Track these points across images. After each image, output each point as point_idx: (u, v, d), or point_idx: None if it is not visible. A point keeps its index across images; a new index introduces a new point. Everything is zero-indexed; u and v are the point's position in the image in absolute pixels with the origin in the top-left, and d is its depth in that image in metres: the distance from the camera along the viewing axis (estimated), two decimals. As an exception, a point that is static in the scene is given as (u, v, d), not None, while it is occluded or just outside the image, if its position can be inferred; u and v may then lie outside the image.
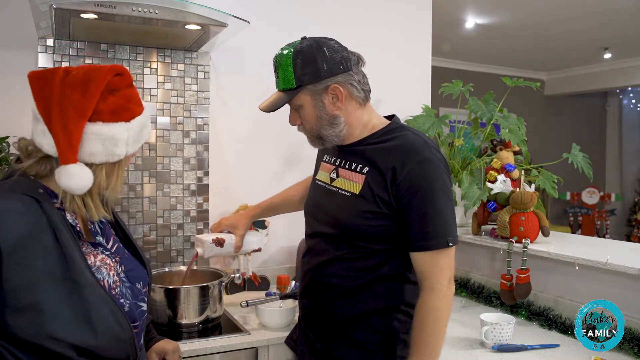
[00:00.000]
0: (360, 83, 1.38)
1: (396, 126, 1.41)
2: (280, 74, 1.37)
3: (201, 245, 1.66)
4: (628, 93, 7.83)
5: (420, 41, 2.79)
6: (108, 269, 1.11)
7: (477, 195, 2.16)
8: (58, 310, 0.97)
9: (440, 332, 1.30)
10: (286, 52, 1.34)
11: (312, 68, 1.32)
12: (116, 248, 1.19)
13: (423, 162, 1.30)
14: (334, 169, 1.45)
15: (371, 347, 1.36)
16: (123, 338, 1.05)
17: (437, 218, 1.29)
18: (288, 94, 1.36)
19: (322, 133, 1.39)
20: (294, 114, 1.42)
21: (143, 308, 1.18)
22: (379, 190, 1.32)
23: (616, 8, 4.49)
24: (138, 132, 1.09)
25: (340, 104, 1.36)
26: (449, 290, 1.32)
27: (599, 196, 7.21)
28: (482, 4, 4.49)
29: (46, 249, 0.98)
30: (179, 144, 2.22)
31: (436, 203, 1.29)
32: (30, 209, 0.99)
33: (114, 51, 2.10)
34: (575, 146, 2.34)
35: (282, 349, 1.75)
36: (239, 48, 2.33)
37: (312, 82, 1.33)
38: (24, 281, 0.95)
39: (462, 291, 2.30)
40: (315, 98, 1.35)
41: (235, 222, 1.73)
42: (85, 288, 1.01)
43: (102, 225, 1.19)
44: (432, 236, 1.29)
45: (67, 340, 0.97)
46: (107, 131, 1.03)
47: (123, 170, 1.11)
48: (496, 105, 2.43)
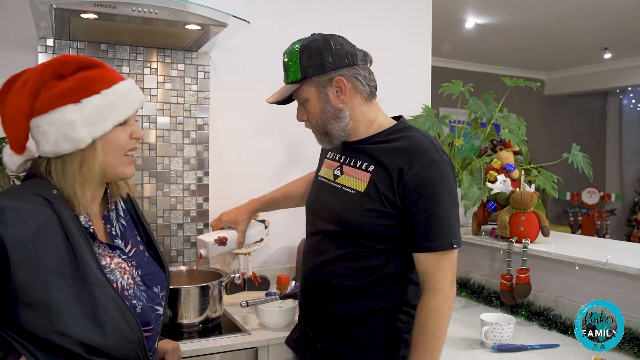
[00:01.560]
0: (366, 78, 1.40)
1: (403, 126, 1.41)
2: (288, 68, 1.40)
3: (204, 246, 1.65)
4: (628, 93, 7.83)
5: (420, 41, 2.79)
6: (122, 272, 1.12)
7: (477, 195, 2.16)
8: (67, 308, 0.98)
9: (442, 333, 1.31)
10: (296, 46, 1.38)
11: (317, 61, 1.35)
12: (134, 252, 1.19)
13: (430, 164, 1.30)
14: (338, 166, 1.45)
15: (373, 348, 1.36)
16: (131, 338, 1.06)
17: (442, 220, 1.29)
18: (294, 86, 1.38)
19: (328, 127, 1.40)
20: (300, 109, 1.44)
21: (159, 312, 1.18)
22: (385, 190, 1.32)
23: (616, 8, 4.49)
24: (98, 110, 1.06)
25: (344, 97, 1.37)
26: (451, 292, 1.32)
27: (599, 196, 7.21)
28: (482, 4, 4.49)
29: (56, 248, 1.00)
30: (179, 144, 2.22)
31: (442, 205, 1.30)
32: (40, 209, 1.01)
33: (114, 51, 2.10)
34: (575, 146, 2.34)
35: (282, 349, 1.75)
36: (239, 48, 2.33)
37: (317, 74, 1.36)
38: (33, 278, 0.97)
39: (462, 291, 2.30)
40: (320, 90, 1.37)
41: (235, 217, 1.71)
42: (94, 287, 1.02)
43: (124, 229, 1.20)
44: (436, 237, 1.29)
45: (76, 337, 0.98)
46: (56, 117, 1.03)
47: (104, 154, 1.08)
48: (496, 105, 2.43)
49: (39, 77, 1.05)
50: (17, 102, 1.05)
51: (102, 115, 1.07)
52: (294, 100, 1.45)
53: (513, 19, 4.85)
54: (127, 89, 1.12)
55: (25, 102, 1.04)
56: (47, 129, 1.03)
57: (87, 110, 1.05)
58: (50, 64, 1.06)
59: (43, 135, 1.04)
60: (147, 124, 2.17)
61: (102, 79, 1.09)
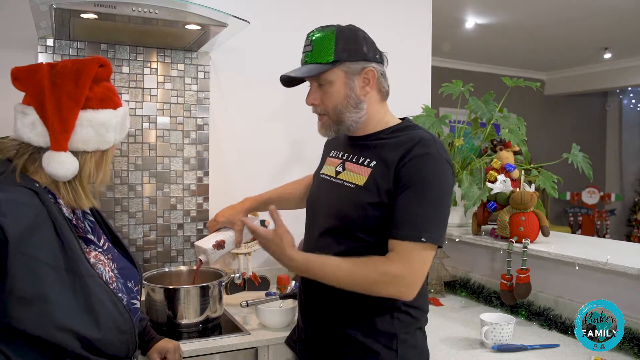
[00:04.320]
0: (386, 79, 1.43)
1: (409, 124, 1.43)
2: (316, 48, 1.36)
3: (203, 253, 1.64)
4: (628, 93, 7.83)
5: (420, 41, 2.79)
6: (103, 264, 1.12)
7: (477, 195, 2.16)
8: (62, 300, 0.99)
9: (343, 282, 1.27)
10: (331, 29, 1.37)
11: (354, 47, 1.36)
12: (107, 247, 1.20)
13: (425, 156, 1.30)
14: (340, 163, 1.46)
15: (371, 347, 1.36)
16: (124, 329, 1.07)
17: (421, 211, 1.26)
18: (323, 66, 1.36)
19: (344, 115, 1.38)
20: (316, 91, 1.40)
21: (136, 306, 1.20)
22: (384, 182, 1.32)
23: (616, 8, 4.49)
24: (123, 120, 1.18)
25: (368, 89, 1.39)
26: (406, 288, 1.26)
27: (599, 196, 7.22)
28: (482, 4, 4.49)
29: (49, 240, 1.01)
30: (179, 144, 2.22)
31: (426, 197, 1.27)
32: (31, 201, 1.02)
33: (114, 51, 2.11)
34: (575, 146, 2.34)
35: (282, 349, 1.75)
36: (239, 48, 2.33)
37: (351, 60, 1.36)
38: (29, 271, 0.97)
39: (462, 291, 2.30)
40: (348, 77, 1.37)
41: (231, 217, 1.69)
42: (86, 278, 1.03)
43: (92, 225, 1.21)
44: (409, 227, 1.26)
45: (73, 329, 0.98)
46: (98, 117, 1.10)
47: (109, 162, 1.17)
48: (496, 105, 2.43)
49: (89, 73, 1.08)
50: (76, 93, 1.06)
51: (125, 124, 1.19)
52: (301, 83, 1.43)
53: (513, 19, 4.85)
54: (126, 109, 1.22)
55: (81, 93, 1.07)
56: (85, 123, 1.08)
57: (120, 118, 1.15)
58: (91, 64, 1.10)
59: (79, 128, 1.07)
60: (147, 124, 2.17)
61: (116, 92, 1.19)
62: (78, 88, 1.06)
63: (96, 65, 1.10)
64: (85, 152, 1.10)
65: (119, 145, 2.14)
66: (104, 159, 1.14)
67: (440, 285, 2.32)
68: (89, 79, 1.08)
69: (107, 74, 1.15)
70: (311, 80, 1.40)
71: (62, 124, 1.04)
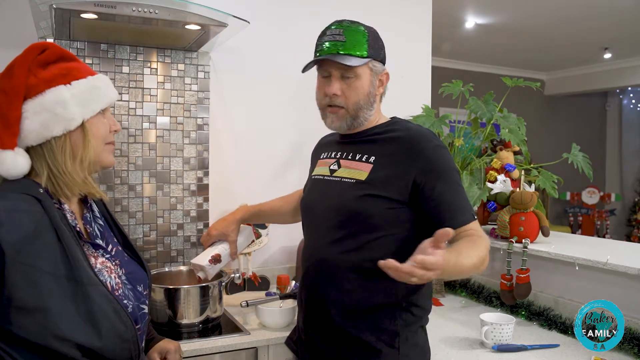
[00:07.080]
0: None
1: (398, 120, 1.49)
2: (350, 40, 1.37)
3: (201, 270, 1.65)
4: (628, 93, 7.83)
5: (420, 41, 2.79)
6: (109, 271, 1.11)
7: (477, 195, 2.16)
8: (62, 309, 0.97)
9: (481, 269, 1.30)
10: (359, 25, 1.42)
11: (380, 48, 1.44)
12: (115, 251, 1.18)
13: (437, 148, 1.37)
14: (334, 162, 1.47)
15: (374, 345, 1.35)
16: (126, 337, 1.05)
17: (457, 196, 1.35)
18: (359, 59, 1.38)
19: (361, 111, 1.42)
20: (340, 83, 1.40)
21: (145, 310, 1.18)
22: (391, 177, 1.34)
23: (616, 8, 4.49)
24: (87, 92, 1.09)
25: (380, 90, 1.46)
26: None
27: (599, 196, 7.22)
28: (482, 4, 4.49)
29: (49, 248, 0.98)
30: (179, 144, 2.22)
31: (455, 182, 1.36)
32: (33, 208, 1.00)
33: (114, 51, 2.10)
34: (575, 146, 2.34)
35: (282, 349, 1.75)
36: (239, 48, 2.33)
37: (377, 60, 1.42)
38: (28, 280, 0.95)
39: (462, 291, 2.30)
40: (373, 75, 1.42)
41: (224, 230, 1.70)
42: (88, 287, 1.00)
43: (102, 229, 1.19)
44: (459, 213, 1.33)
45: (73, 340, 0.97)
46: (47, 99, 1.04)
47: (98, 136, 1.11)
48: (496, 105, 2.43)
49: (23, 63, 1.05)
50: (10, 87, 1.03)
51: (92, 96, 1.10)
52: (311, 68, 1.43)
53: (513, 19, 4.85)
54: (107, 80, 1.16)
55: (20, 84, 1.03)
56: (37, 109, 1.03)
57: (78, 91, 1.07)
58: (31, 51, 1.06)
59: (32, 117, 1.03)
60: (147, 124, 2.17)
61: (84, 69, 1.13)
62: (13, 80, 1.03)
63: (35, 53, 1.06)
64: (53, 139, 1.04)
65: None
66: (83, 135, 1.08)
67: (440, 285, 2.32)
68: (24, 69, 1.04)
69: (56, 55, 1.09)
70: (334, 71, 1.39)
71: (3, 121, 1.02)
